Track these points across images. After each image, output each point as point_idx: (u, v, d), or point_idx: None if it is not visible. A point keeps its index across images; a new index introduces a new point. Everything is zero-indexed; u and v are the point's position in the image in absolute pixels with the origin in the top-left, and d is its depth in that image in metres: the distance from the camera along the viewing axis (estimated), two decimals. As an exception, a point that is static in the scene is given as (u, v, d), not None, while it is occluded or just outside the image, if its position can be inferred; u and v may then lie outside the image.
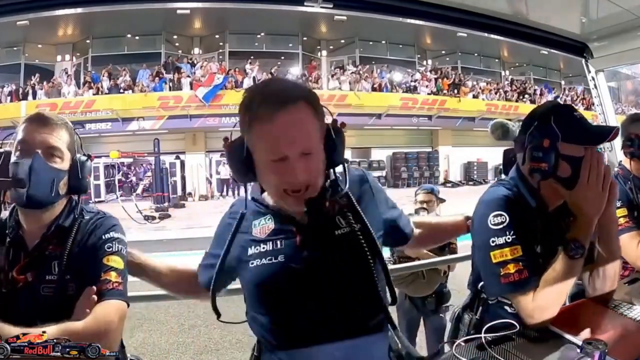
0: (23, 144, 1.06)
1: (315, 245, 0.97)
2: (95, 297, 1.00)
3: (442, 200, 2.99)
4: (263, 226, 1.02)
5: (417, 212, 2.70)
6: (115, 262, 1.07)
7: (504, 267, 1.08)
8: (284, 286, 0.96)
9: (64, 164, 1.09)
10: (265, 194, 1.05)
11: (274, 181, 0.92)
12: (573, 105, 1.24)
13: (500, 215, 1.10)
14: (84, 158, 1.14)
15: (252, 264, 0.99)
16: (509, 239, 1.08)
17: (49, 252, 1.06)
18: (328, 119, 0.98)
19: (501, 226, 1.09)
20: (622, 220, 1.59)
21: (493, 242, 1.09)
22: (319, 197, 0.94)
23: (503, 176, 1.43)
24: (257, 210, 1.04)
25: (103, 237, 1.09)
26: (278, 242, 0.99)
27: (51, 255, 1.06)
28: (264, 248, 0.99)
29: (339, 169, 0.99)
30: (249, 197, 1.04)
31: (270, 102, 0.88)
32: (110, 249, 1.08)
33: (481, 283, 1.23)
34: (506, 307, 1.18)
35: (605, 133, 1.10)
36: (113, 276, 1.04)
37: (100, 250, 1.07)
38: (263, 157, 0.91)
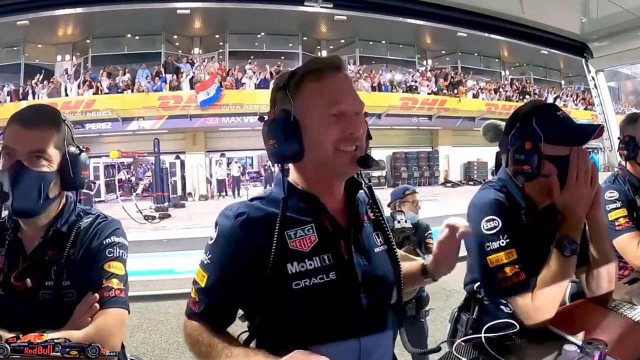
0: (5, 149, 0.99)
1: (360, 258, 0.91)
2: (97, 305, 0.98)
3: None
4: (304, 238, 0.88)
5: (393, 215, 2.56)
6: (117, 268, 1.04)
7: (501, 271, 1.08)
8: (335, 304, 0.87)
9: (52, 165, 1.01)
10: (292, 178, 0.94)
11: (330, 137, 0.86)
12: (556, 104, 1.23)
13: (493, 219, 1.10)
14: (75, 152, 1.05)
15: (298, 284, 0.84)
16: (502, 242, 1.09)
17: (48, 257, 1.03)
18: None
19: (494, 231, 1.10)
20: (622, 221, 1.59)
21: (488, 246, 1.10)
22: (369, 156, 0.90)
23: (490, 177, 1.43)
24: (289, 218, 0.88)
25: (104, 242, 1.05)
26: (326, 258, 0.87)
27: (50, 261, 1.02)
28: (311, 265, 0.85)
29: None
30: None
31: (319, 65, 0.90)
32: (112, 254, 1.04)
33: (476, 284, 1.24)
34: (502, 307, 1.19)
35: (589, 132, 1.09)
36: (114, 283, 1.02)
37: (100, 255, 1.04)
38: (318, 113, 0.87)
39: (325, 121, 0.86)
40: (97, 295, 0.99)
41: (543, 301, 1.06)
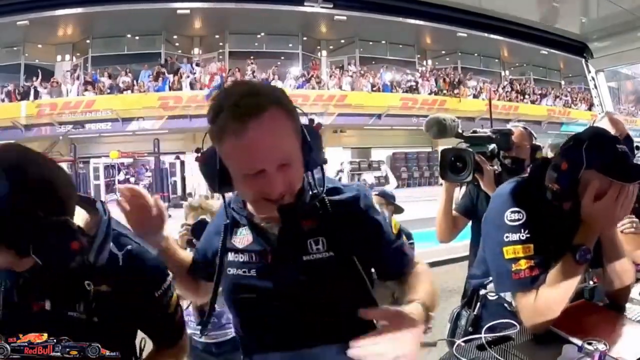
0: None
1: (284, 268, 0.92)
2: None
3: (399, 210, 2.74)
4: (243, 237, 0.99)
5: None
6: (175, 299, 1.01)
7: (515, 264, 1.07)
8: (254, 300, 0.95)
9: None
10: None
11: (250, 194, 0.88)
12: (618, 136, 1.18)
13: (518, 212, 1.09)
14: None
15: (230, 271, 0.98)
16: (523, 236, 1.07)
17: (79, 288, 0.87)
18: (303, 120, 0.89)
19: (517, 223, 1.08)
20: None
21: (507, 237, 1.08)
22: (294, 205, 0.88)
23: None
24: (238, 220, 1.00)
25: (156, 294, 0.95)
26: (254, 255, 0.96)
27: (79, 292, 0.87)
28: (241, 258, 0.97)
29: (318, 173, 0.93)
30: (231, 205, 1.00)
31: (238, 112, 0.79)
32: (166, 298, 0.98)
33: (484, 280, 1.23)
34: (505, 305, 1.18)
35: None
36: (179, 313, 1.04)
37: (162, 306, 0.98)
38: (237, 171, 0.84)
39: (244, 182, 0.86)
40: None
41: (546, 304, 1.05)
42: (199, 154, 0.92)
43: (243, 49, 17.25)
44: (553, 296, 1.05)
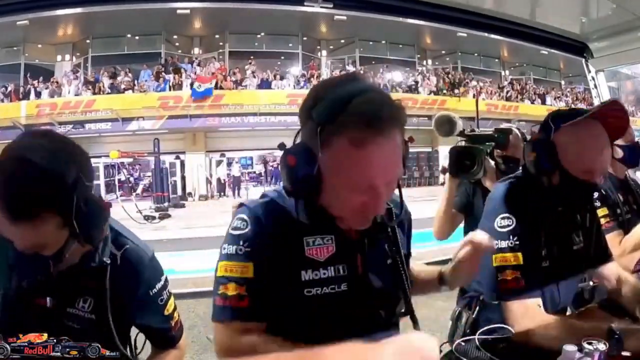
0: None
1: (373, 273, 0.89)
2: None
3: None
4: (321, 247, 0.85)
5: None
6: (171, 304, 1.04)
7: (502, 273, 1.07)
8: (342, 315, 0.84)
9: None
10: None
11: (351, 205, 0.79)
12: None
13: (508, 217, 1.09)
14: None
15: (310, 292, 0.83)
16: (511, 243, 1.07)
17: (79, 286, 0.92)
18: None
19: (506, 229, 1.08)
20: (602, 221, 1.57)
21: (497, 244, 1.08)
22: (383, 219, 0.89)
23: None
24: (310, 226, 0.84)
25: (150, 292, 0.98)
26: (340, 268, 0.85)
27: (79, 290, 0.92)
28: (324, 274, 0.84)
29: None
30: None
31: (379, 123, 0.72)
32: (163, 300, 1.01)
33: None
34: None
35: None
36: (176, 316, 1.06)
37: (156, 307, 1.00)
38: (346, 183, 0.76)
39: (349, 193, 0.79)
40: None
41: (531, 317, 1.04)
42: (289, 154, 0.77)
43: (243, 49, 17.24)
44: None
